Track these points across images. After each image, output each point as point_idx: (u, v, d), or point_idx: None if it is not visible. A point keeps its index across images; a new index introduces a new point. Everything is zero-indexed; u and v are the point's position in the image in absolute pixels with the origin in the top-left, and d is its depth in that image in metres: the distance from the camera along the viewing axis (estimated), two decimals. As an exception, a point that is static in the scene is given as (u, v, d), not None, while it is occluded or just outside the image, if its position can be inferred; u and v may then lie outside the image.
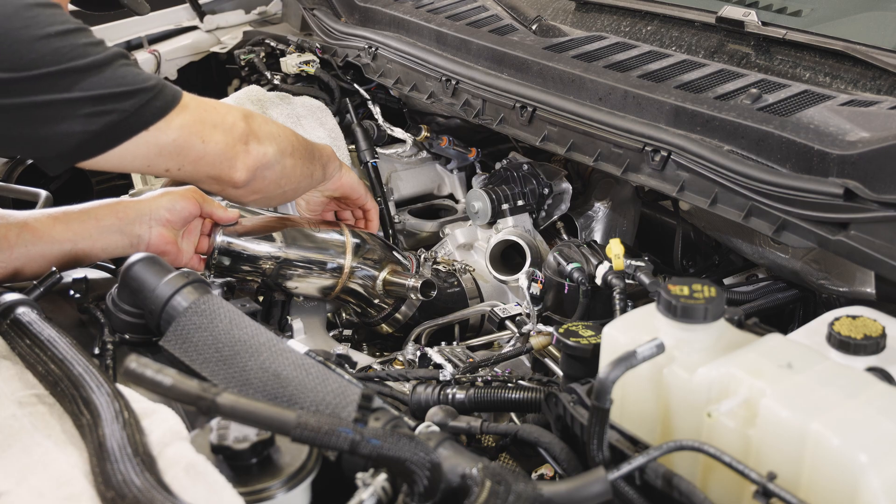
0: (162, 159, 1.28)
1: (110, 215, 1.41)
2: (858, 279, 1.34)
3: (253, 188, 1.42)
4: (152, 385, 0.81)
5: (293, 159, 1.46)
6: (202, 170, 1.34)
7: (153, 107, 1.23)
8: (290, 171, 1.46)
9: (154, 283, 1.14)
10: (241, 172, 1.37)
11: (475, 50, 1.82)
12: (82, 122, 1.17)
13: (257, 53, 2.38)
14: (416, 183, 2.23)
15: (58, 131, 1.17)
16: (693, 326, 0.96)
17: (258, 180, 1.41)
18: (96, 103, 1.17)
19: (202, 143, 1.31)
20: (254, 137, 1.38)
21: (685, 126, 1.39)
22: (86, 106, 1.17)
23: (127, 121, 1.21)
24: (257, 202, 1.49)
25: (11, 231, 1.33)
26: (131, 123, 1.21)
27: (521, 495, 0.81)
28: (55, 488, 0.84)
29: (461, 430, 1.16)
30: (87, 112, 1.17)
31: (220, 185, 1.39)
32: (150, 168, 1.30)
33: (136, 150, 1.24)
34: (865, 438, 0.82)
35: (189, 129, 1.29)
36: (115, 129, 1.20)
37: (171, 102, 1.26)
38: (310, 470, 0.91)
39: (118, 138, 1.21)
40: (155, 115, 1.24)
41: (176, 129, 1.27)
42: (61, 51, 1.14)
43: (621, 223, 1.92)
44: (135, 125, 1.22)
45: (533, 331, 1.46)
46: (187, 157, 1.31)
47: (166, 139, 1.26)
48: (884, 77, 1.37)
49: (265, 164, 1.40)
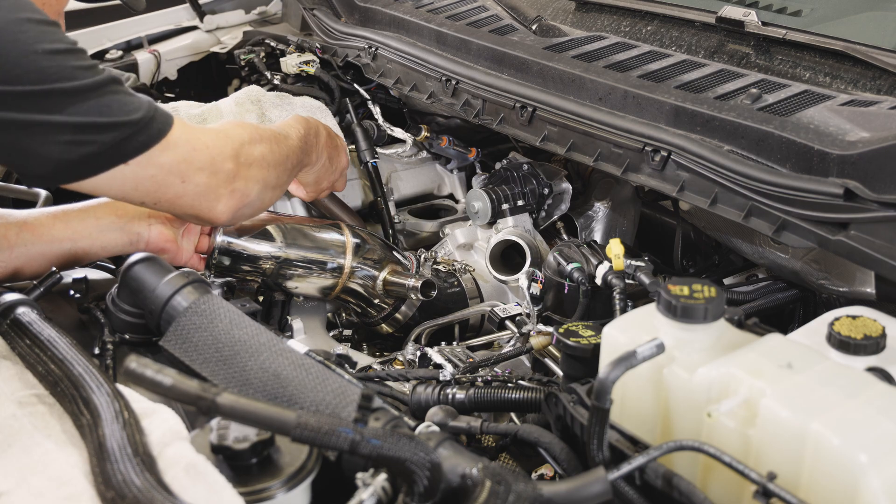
0: (138, 193, 1.25)
1: (109, 213, 1.41)
2: (858, 279, 1.34)
3: (234, 221, 1.41)
4: (152, 385, 0.81)
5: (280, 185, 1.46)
6: (179, 208, 1.30)
7: (135, 141, 1.19)
8: (273, 196, 1.45)
9: (154, 283, 1.14)
10: (222, 214, 1.34)
11: (475, 50, 1.82)
12: (60, 149, 1.14)
13: (257, 53, 2.38)
14: (416, 183, 2.23)
15: (35, 153, 1.14)
16: (693, 326, 0.96)
17: (239, 217, 1.40)
18: (76, 132, 1.13)
19: (181, 182, 1.26)
20: (241, 178, 1.34)
21: (685, 126, 1.39)
22: (65, 133, 1.13)
23: (105, 153, 1.17)
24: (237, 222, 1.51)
25: (11, 230, 1.33)
26: (109, 156, 1.17)
27: (521, 495, 0.81)
28: (55, 488, 0.84)
29: (461, 430, 1.16)
30: (66, 140, 1.13)
31: (199, 221, 1.39)
32: (126, 199, 1.27)
33: (111, 181, 1.20)
34: (865, 438, 0.82)
35: (169, 169, 1.24)
36: (92, 160, 1.16)
37: (155, 138, 1.21)
38: (310, 470, 0.91)
39: (95, 170, 1.18)
40: (136, 149, 1.19)
41: (155, 167, 1.22)
42: (48, 70, 1.11)
43: (621, 223, 1.92)
44: (113, 158, 1.18)
45: (533, 331, 1.46)
46: (164, 195, 1.26)
47: (144, 174, 1.22)
48: (884, 77, 1.37)
49: (247, 203, 1.37)
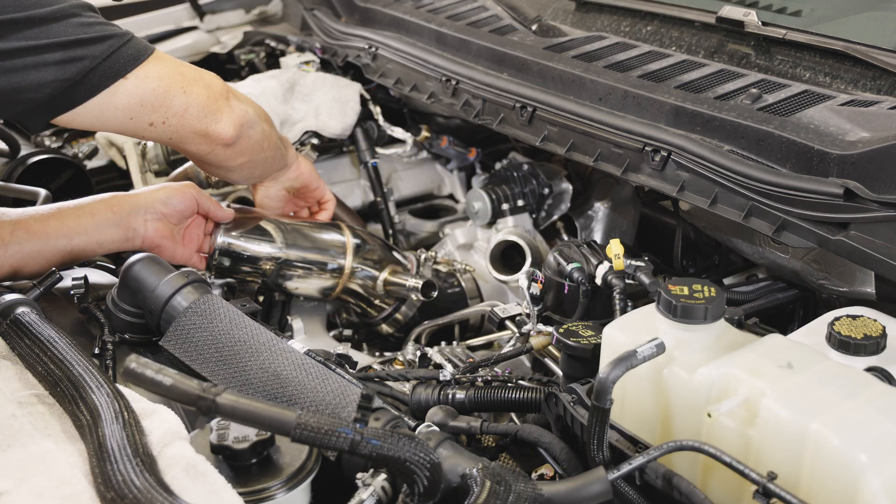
0: (144, 110, 1.26)
1: (105, 209, 1.41)
2: (858, 279, 1.34)
3: (240, 147, 1.40)
4: (152, 385, 0.81)
5: (267, 125, 1.46)
6: (188, 124, 1.32)
7: (126, 54, 1.22)
8: (269, 135, 1.45)
9: (154, 283, 1.14)
10: (228, 127, 1.35)
11: (475, 50, 1.82)
12: (54, 71, 1.16)
13: (257, 53, 2.38)
14: (416, 183, 2.23)
15: (30, 80, 1.15)
16: (693, 326, 0.96)
17: (244, 139, 1.39)
18: (65, 49, 1.16)
19: (184, 93, 1.29)
20: (233, 95, 1.38)
21: (685, 126, 1.39)
22: (55, 52, 1.15)
23: (100, 67, 1.19)
24: (243, 168, 1.46)
25: (4, 229, 1.32)
26: (105, 70, 1.20)
27: (521, 495, 0.81)
28: (55, 488, 0.84)
29: (461, 430, 1.16)
30: (57, 59, 1.16)
31: (208, 142, 1.36)
32: (134, 122, 1.27)
33: (116, 100, 1.22)
34: (865, 438, 0.82)
35: (169, 80, 1.27)
36: (89, 76, 1.19)
37: (143, 51, 1.25)
38: (310, 470, 0.91)
39: (95, 87, 1.20)
40: (129, 62, 1.22)
41: (155, 79, 1.25)
42: (25, 1, 1.14)
43: (621, 223, 1.92)
44: (110, 72, 1.20)
45: (533, 331, 1.46)
46: (170, 108, 1.29)
47: (147, 88, 1.25)
48: (884, 77, 1.37)
49: (248, 121, 1.39)
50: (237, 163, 1.43)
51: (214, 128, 1.35)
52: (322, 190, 1.67)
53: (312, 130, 1.99)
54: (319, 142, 2.01)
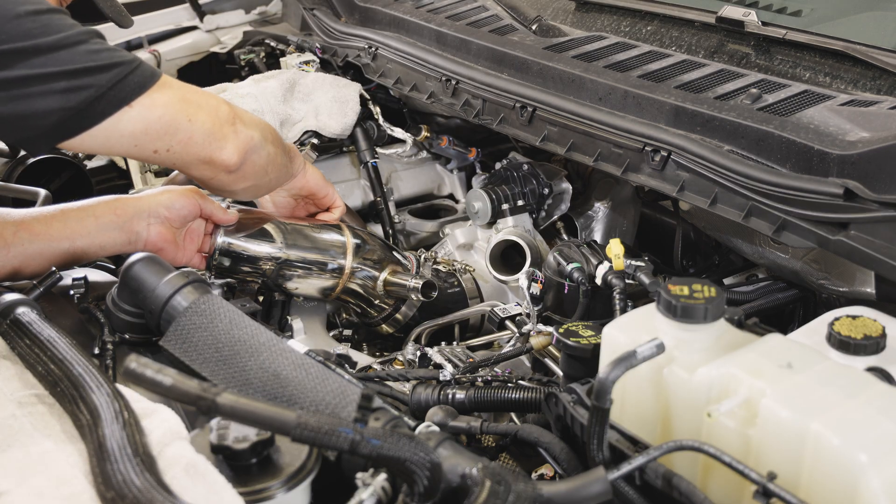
0: (149, 138, 1.26)
1: (108, 212, 1.41)
2: (858, 279, 1.34)
3: (244, 173, 1.39)
4: (152, 385, 0.81)
5: (274, 147, 1.45)
6: (192, 151, 1.32)
7: (132, 82, 1.21)
8: (274, 158, 1.45)
9: (154, 283, 1.14)
10: (232, 154, 1.35)
11: (475, 50, 1.82)
12: (59, 99, 1.16)
13: (257, 53, 2.38)
14: (416, 183, 2.23)
15: (36, 108, 1.15)
16: (693, 326, 0.96)
17: (248, 164, 1.39)
18: (71, 78, 1.16)
19: (189, 122, 1.29)
20: (239, 120, 1.37)
21: (685, 126, 1.39)
22: (60, 80, 1.15)
23: (105, 96, 1.19)
24: (247, 191, 1.47)
25: (7, 229, 1.33)
26: (110, 99, 1.20)
27: (521, 495, 0.81)
28: (55, 488, 0.84)
29: (461, 430, 1.16)
30: (63, 87, 1.15)
31: (212, 169, 1.36)
32: (138, 148, 1.27)
33: (121, 127, 1.22)
34: (865, 438, 0.82)
35: (174, 108, 1.27)
36: (94, 104, 1.18)
37: (150, 79, 1.24)
38: (310, 470, 0.91)
39: (99, 115, 1.20)
40: (135, 90, 1.22)
41: (161, 107, 1.25)
42: (33, 29, 1.14)
43: (621, 223, 1.92)
44: (115, 100, 1.20)
45: (533, 331, 1.46)
46: (175, 136, 1.28)
47: (152, 116, 1.24)
48: (884, 77, 1.37)
49: (253, 147, 1.38)
50: (240, 187, 1.44)
51: (218, 155, 1.34)
52: (331, 197, 1.67)
53: (312, 130, 1.99)
54: (319, 142, 2.02)
